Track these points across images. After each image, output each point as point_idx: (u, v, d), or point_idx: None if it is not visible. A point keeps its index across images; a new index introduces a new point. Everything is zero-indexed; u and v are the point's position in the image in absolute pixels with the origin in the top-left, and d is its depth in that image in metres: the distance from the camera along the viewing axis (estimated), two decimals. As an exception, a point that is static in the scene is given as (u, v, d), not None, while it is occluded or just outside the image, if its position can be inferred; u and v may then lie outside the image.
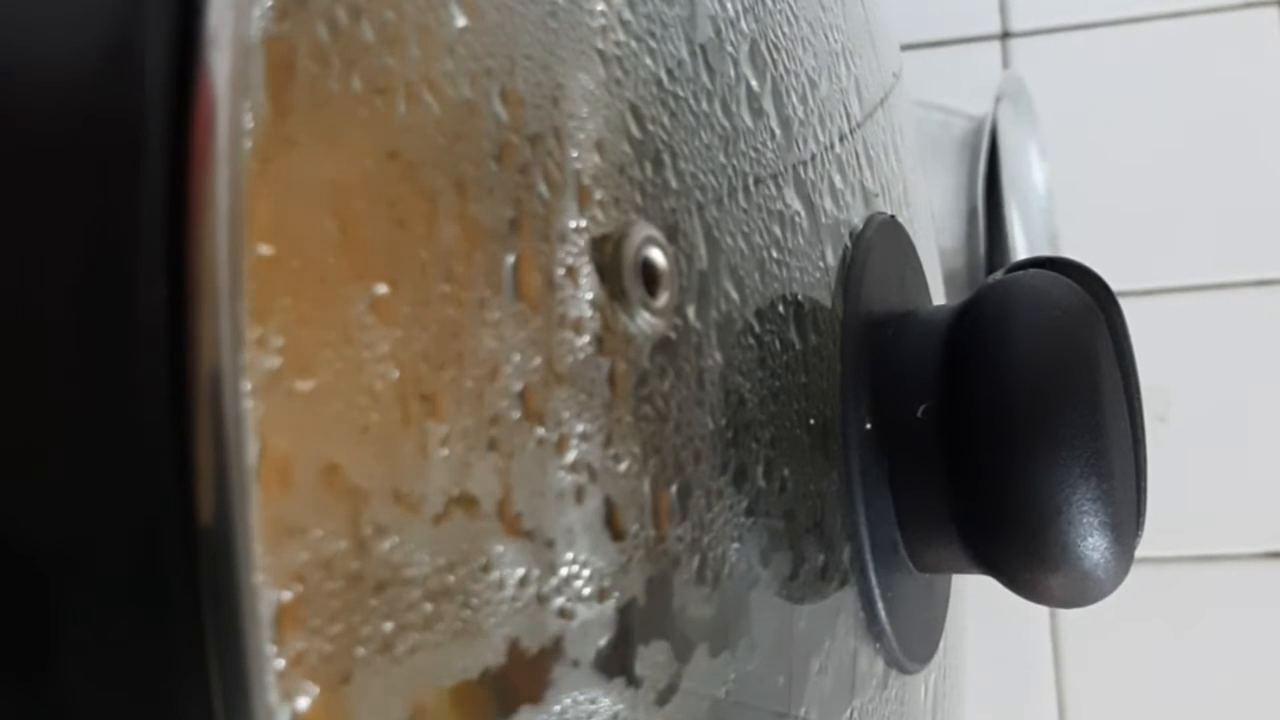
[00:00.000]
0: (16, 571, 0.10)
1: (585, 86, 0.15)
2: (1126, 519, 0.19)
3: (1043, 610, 0.69)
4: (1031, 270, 0.21)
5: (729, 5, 0.19)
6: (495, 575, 0.12)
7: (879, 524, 0.20)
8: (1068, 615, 0.68)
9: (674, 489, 0.15)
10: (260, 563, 0.10)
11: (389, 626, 0.11)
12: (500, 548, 0.12)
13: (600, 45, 0.15)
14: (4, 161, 0.10)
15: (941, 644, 0.25)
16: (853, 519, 0.20)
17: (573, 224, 0.14)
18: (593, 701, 0.13)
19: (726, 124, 0.18)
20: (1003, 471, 0.19)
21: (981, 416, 0.20)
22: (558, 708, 0.13)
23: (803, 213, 0.20)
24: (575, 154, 0.14)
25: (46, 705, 0.10)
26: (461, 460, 0.12)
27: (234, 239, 0.10)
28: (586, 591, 0.13)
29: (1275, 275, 0.69)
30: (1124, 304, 0.20)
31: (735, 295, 0.17)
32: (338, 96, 0.11)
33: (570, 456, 0.13)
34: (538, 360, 0.13)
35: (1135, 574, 0.20)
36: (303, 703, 0.10)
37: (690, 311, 0.16)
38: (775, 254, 0.19)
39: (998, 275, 0.21)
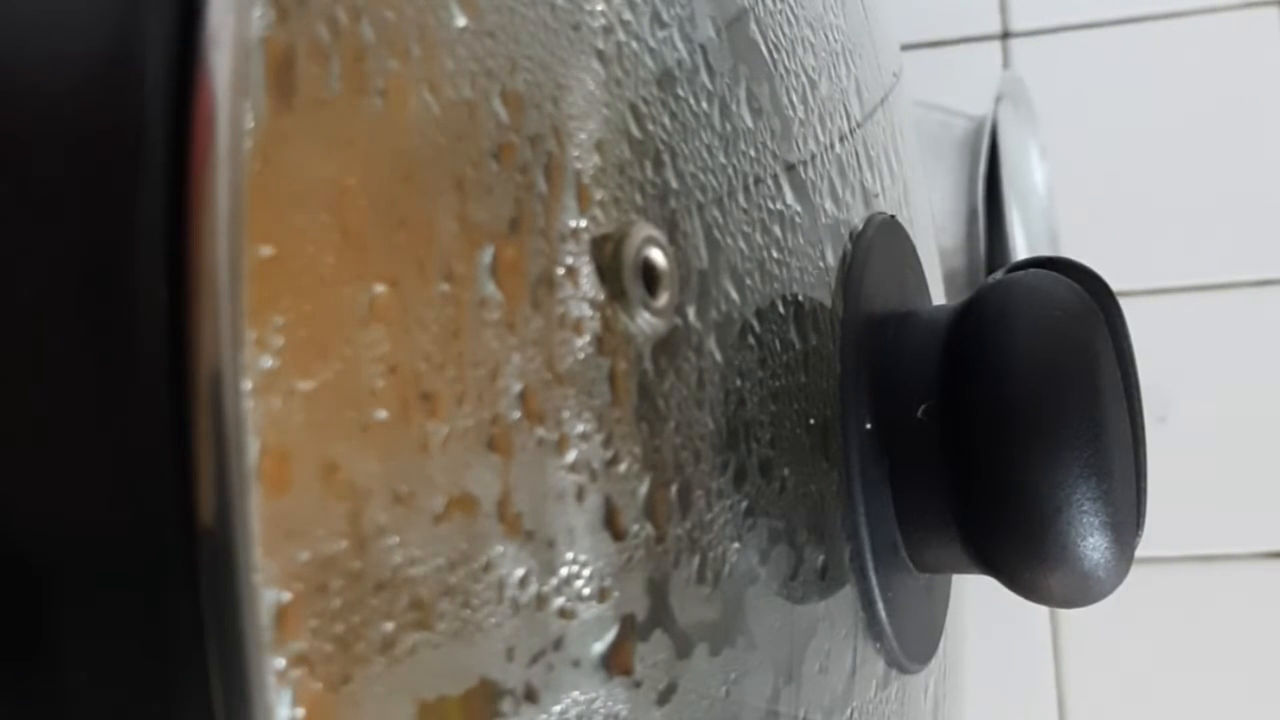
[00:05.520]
0: (16, 572, 0.10)
1: (585, 86, 0.15)
2: (1126, 519, 0.19)
3: (1043, 610, 0.69)
4: (1031, 270, 0.21)
5: (729, 5, 0.19)
6: (495, 575, 0.12)
7: (879, 524, 0.20)
8: (1068, 615, 0.68)
9: (674, 489, 0.15)
10: (260, 563, 0.10)
11: (389, 626, 0.11)
12: (500, 547, 0.12)
13: (600, 45, 0.15)
14: (4, 162, 0.10)
15: (941, 644, 0.25)
16: (853, 519, 0.20)
17: (573, 224, 0.14)
18: (593, 701, 0.13)
19: (726, 124, 0.18)
20: (1003, 471, 0.19)
21: (981, 416, 0.20)
22: (558, 708, 0.13)
23: (802, 213, 0.20)
24: (575, 154, 0.14)
25: (46, 706, 0.10)
26: (462, 460, 0.12)
27: (234, 239, 0.10)
28: (587, 591, 0.13)
29: (1275, 275, 0.69)
30: (1124, 304, 0.20)
31: (735, 295, 0.17)
32: (338, 96, 0.11)
33: (570, 456, 0.13)
34: (538, 360, 0.13)
35: (1135, 574, 0.20)
36: (303, 703, 0.10)
37: (690, 311, 0.16)
38: (775, 254, 0.19)
39: (998, 275, 0.21)
